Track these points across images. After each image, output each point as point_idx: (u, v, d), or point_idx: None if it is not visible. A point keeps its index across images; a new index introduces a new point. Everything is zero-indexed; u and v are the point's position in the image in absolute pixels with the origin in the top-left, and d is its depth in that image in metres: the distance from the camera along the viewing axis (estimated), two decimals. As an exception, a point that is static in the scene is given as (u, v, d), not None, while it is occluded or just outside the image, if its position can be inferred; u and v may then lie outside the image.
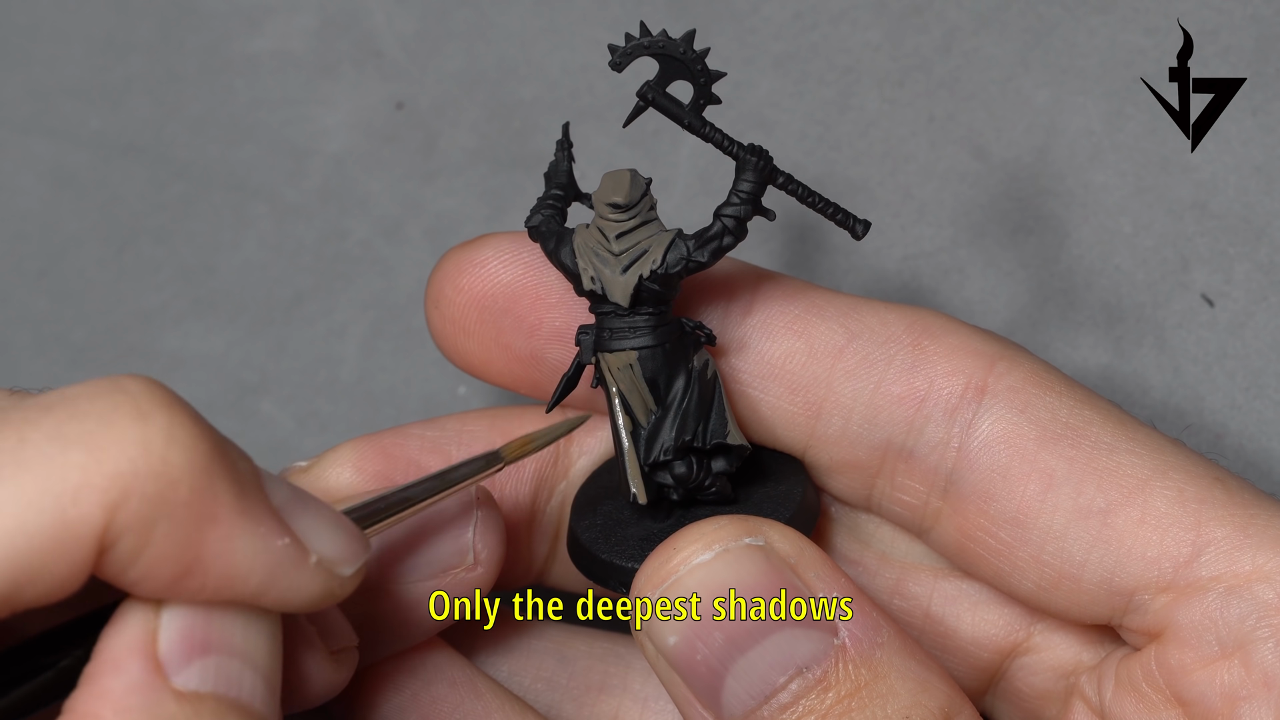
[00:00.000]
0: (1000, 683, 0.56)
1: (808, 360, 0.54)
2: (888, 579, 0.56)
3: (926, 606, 0.56)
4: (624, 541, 0.53)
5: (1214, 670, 0.50)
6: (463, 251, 0.55)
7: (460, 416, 0.56)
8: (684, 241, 0.51)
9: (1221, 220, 0.67)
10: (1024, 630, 0.55)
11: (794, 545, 0.49)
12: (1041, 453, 0.52)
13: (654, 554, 0.50)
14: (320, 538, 0.45)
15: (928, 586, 0.56)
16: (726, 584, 0.48)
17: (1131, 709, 0.52)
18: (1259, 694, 0.49)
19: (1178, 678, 0.51)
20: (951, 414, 0.53)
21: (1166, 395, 0.67)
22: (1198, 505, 0.51)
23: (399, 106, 0.73)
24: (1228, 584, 0.50)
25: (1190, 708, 0.50)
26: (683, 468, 0.52)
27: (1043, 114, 0.69)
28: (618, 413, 0.52)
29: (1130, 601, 0.51)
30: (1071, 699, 0.55)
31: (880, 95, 0.70)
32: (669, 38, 0.50)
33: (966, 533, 0.53)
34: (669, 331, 0.52)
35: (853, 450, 0.54)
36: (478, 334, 0.55)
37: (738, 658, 0.48)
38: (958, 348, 0.53)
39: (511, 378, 0.55)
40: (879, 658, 0.48)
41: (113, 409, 0.41)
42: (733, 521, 0.50)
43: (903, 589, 0.56)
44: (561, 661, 0.58)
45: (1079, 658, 0.55)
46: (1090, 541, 0.51)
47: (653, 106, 0.50)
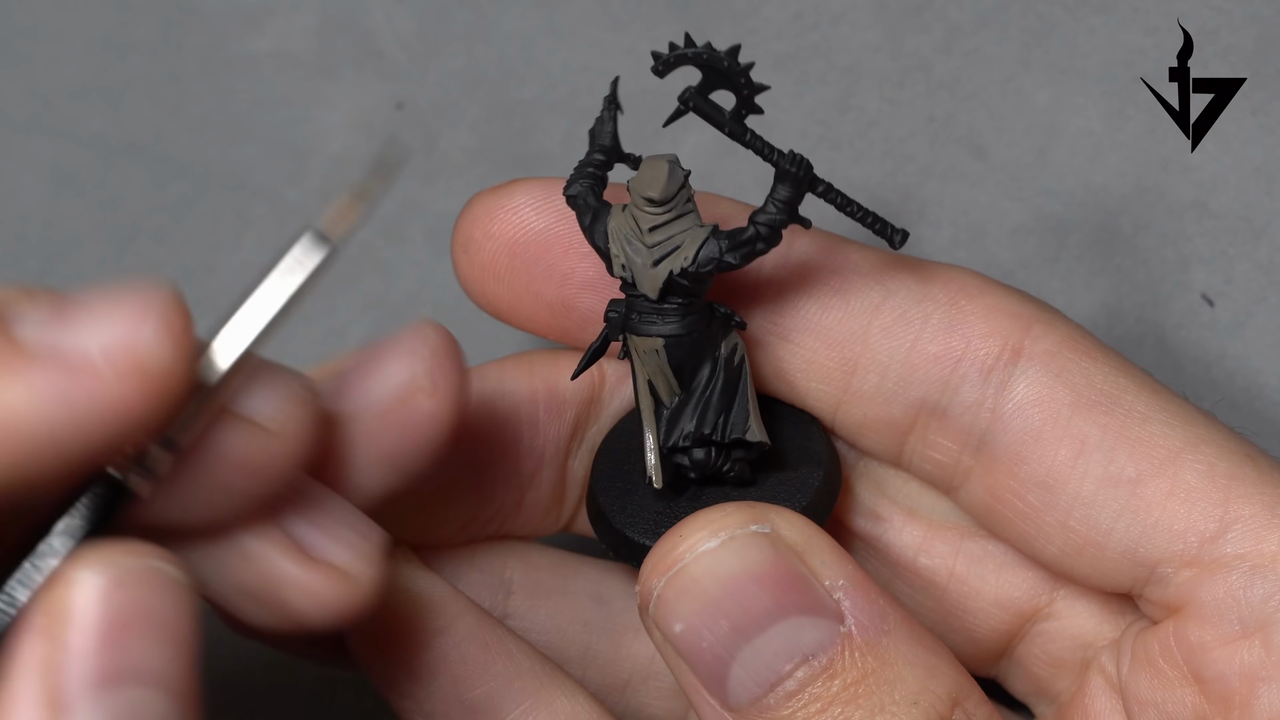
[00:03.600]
0: (1019, 646, 0.56)
1: (844, 316, 0.53)
2: (913, 536, 0.56)
3: (951, 565, 0.55)
4: (640, 513, 0.53)
5: (1233, 649, 0.50)
6: (493, 197, 0.54)
7: (499, 364, 0.55)
8: (718, 240, 0.50)
9: (1221, 220, 0.67)
10: (1047, 595, 0.55)
11: (801, 533, 0.49)
12: (1075, 418, 0.52)
13: (661, 541, 0.49)
14: (97, 329, 0.39)
15: (953, 545, 0.56)
16: (732, 571, 0.48)
17: (1147, 684, 0.52)
18: (1278, 675, 0.49)
19: (1196, 655, 0.50)
20: (987, 375, 0.52)
21: None
22: (1227, 481, 0.50)
23: (399, 107, 0.73)
24: (1253, 563, 0.50)
25: (1207, 686, 0.50)
26: (701, 454, 0.52)
27: (1043, 114, 0.69)
28: (642, 392, 0.52)
29: (1153, 573, 0.51)
30: (1089, 671, 0.55)
31: (880, 95, 0.70)
32: (713, 49, 0.50)
33: (995, 494, 0.53)
34: (698, 320, 0.51)
35: (887, 408, 0.54)
36: (508, 280, 0.54)
37: (743, 645, 0.48)
38: (995, 308, 0.53)
39: (541, 325, 0.55)
40: (885, 645, 0.48)
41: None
42: (739, 509, 0.49)
43: (928, 547, 0.56)
44: (598, 602, 0.58)
45: (1099, 629, 0.55)
46: (1118, 510, 0.51)
47: (694, 111, 0.50)
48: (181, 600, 0.41)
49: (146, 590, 0.40)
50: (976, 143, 0.70)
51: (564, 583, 0.58)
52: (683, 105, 0.50)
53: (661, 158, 0.50)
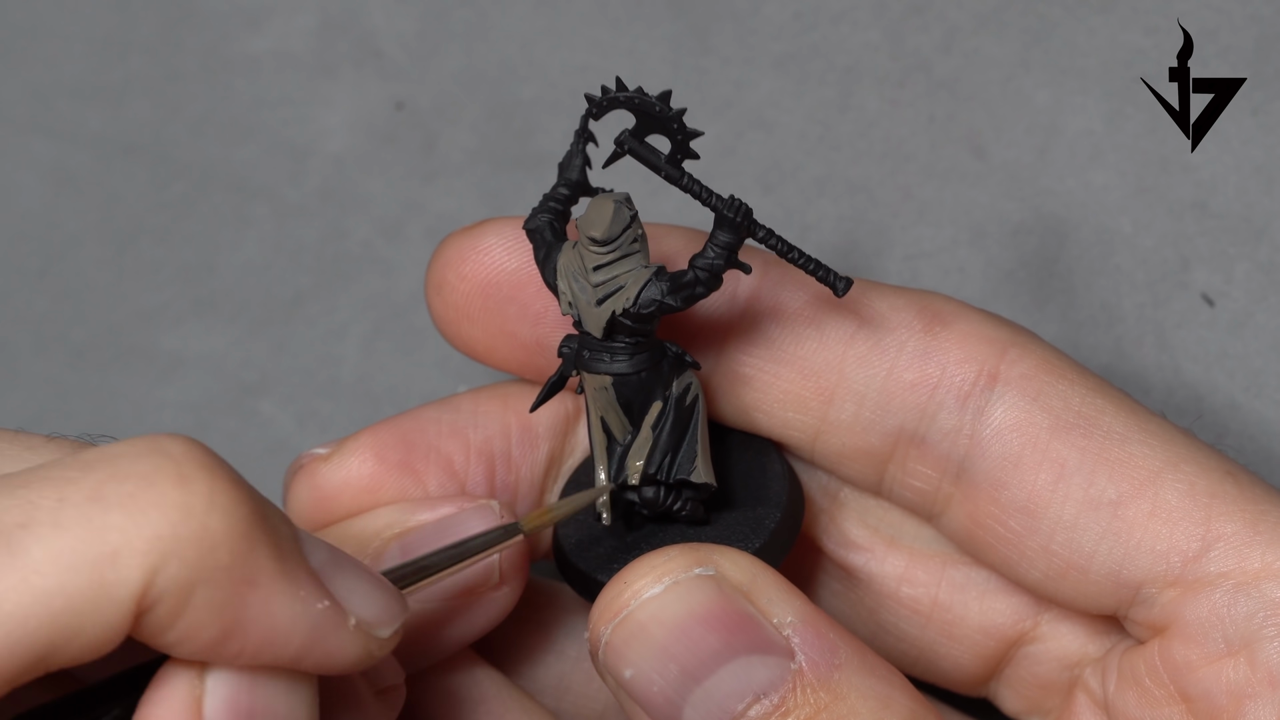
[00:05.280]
0: (1006, 670, 0.56)
1: (818, 346, 0.53)
2: (896, 565, 0.56)
3: (935, 594, 0.56)
4: (597, 549, 0.53)
5: (1219, 667, 0.50)
6: (465, 238, 0.54)
7: (473, 395, 0.56)
8: (660, 282, 0.50)
9: (1222, 220, 0.67)
10: (1031, 619, 0.55)
11: (746, 572, 0.49)
12: (1054, 442, 0.52)
13: (607, 587, 0.50)
14: (359, 599, 0.44)
15: (936, 574, 0.56)
16: (678, 615, 0.48)
17: (1134, 703, 0.52)
18: (1264, 693, 0.49)
19: (1182, 674, 0.50)
20: (964, 401, 0.52)
21: (1167, 395, 0.67)
22: (1208, 499, 0.50)
23: (399, 106, 0.73)
24: (1236, 580, 0.50)
25: (1194, 704, 0.50)
26: (650, 492, 0.52)
27: (1043, 114, 0.69)
28: (595, 428, 0.52)
29: (1137, 594, 0.51)
30: (1075, 690, 0.55)
31: (880, 95, 0.70)
32: (644, 94, 0.50)
33: (976, 520, 0.53)
34: (646, 359, 0.51)
35: (865, 437, 0.54)
36: (481, 321, 0.55)
37: (694, 688, 0.48)
38: (969, 334, 0.53)
39: (516, 364, 0.55)
40: (838, 679, 0.48)
41: (154, 470, 0.41)
42: (682, 551, 0.50)
43: (911, 576, 0.56)
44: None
45: (1084, 649, 0.55)
46: (1100, 533, 0.51)
47: (630, 154, 0.51)
48: None
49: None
50: (976, 143, 0.70)
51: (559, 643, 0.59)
52: (618, 148, 0.51)
53: (609, 197, 0.50)
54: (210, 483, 0.42)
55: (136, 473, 0.41)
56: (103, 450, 0.42)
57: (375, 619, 0.45)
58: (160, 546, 0.41)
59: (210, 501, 0.41)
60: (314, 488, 0.55)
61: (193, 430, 0.70)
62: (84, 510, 0.41)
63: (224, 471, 0.42)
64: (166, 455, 0.42)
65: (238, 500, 0.42)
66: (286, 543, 0.43)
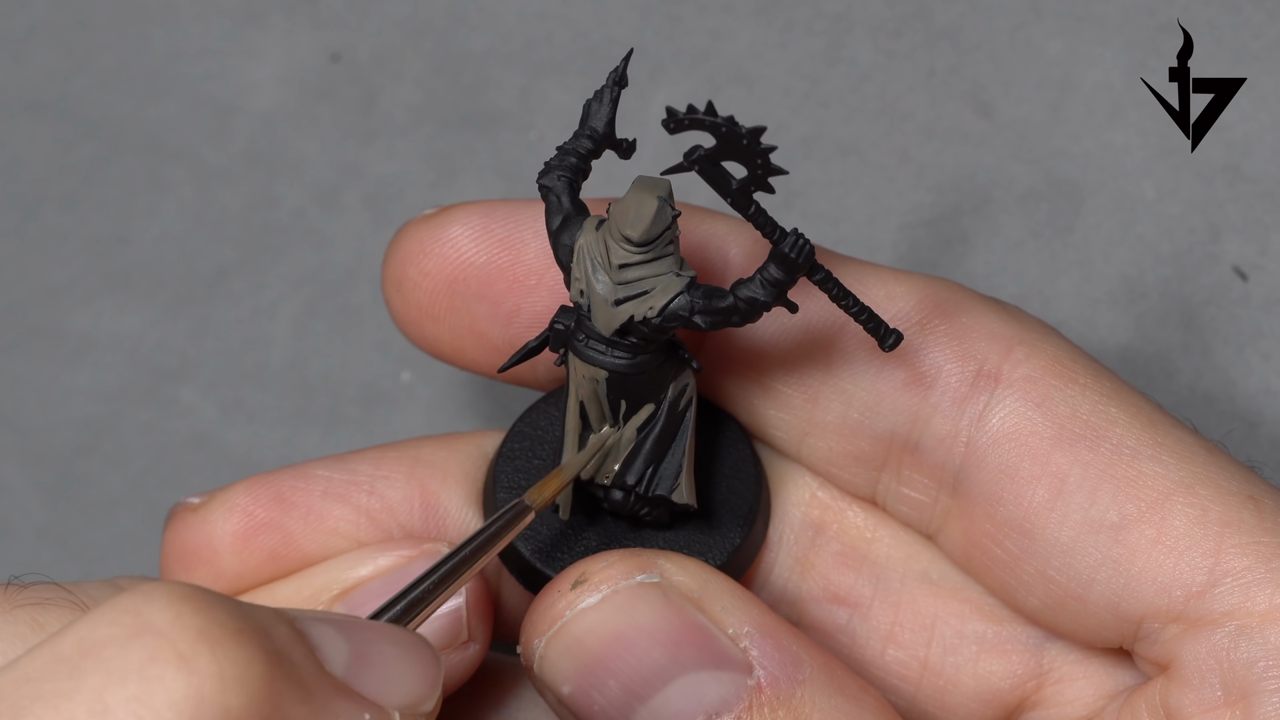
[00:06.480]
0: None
1: (803, 338, 0.53)
2: (881, 621, 0.55)
3: (924, 656, 0.54)
4: (547, 539, 0.53)
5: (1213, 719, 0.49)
6: (426, 227, 0.54)
7: (375, 458, 0.55)
8: (691, 297, 0.49)
9: (1256, 184, 0.67)
10: (1034, 680, 0.54)
11: (696, 578, 0.49)
12: (1054, 454, 0.51)
13: (539, 596, 0.50)
14: (393, 687, 0.44)
15: (925, 633, 0.55)
16: (617, 628, 0.48)
17: None
18: None
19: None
20: (960, 404, 0.52)
21: (1194, 379, 0.66)
22: (1220, 528, 0.49)
23: (335, 58, 0.73)
24: (1240, 622, 0.49)
25: None
26: (619, 496, 0.52)
27: (1056, 66, 0.69)
28: (571, 413, 0.51)
29: (1139, 629, 0.50)
30: None
31: (874, 46, 0.70)
32: (734, 124, 0.48)
33: (972, 539, 0.52)
34: (650, 360, 0.50)
35: (854, 440, 0.53)
36: (448, 321, 0.54)
37: (638, 707, 0.48)
38: (971, 327, 0.52)
39: (486, 366, 0.55)
40: (800, 696, 0.48)
41: (150, 659, 0.40)
42: (623, 558, 0.50)
43: (897, 636, 0.55)
44: None
45: (1094, 705, 0.53)
46: (1099, 559, 0.50)
47: (699, 174, 0.49)
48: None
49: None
50: (982, 99, 0.70)
51: None
52: (687, 163, 0.49)
53: (652, 190, 0.49)
54: (213, 653, 0.40)
55: (132, 666, 0.40)
56: (81, 640, 0.40)
57: (416, 697, 0.44)
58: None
59: (221, 679, 0.40)
60: (179, 542, 0.55)
61: (104, 421, 0.69)
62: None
63: (219, 628, 0.41)
64: (156, 633, 0.40)
65: (248, 661, 0.41)
66: (309, 674, 0.42)
